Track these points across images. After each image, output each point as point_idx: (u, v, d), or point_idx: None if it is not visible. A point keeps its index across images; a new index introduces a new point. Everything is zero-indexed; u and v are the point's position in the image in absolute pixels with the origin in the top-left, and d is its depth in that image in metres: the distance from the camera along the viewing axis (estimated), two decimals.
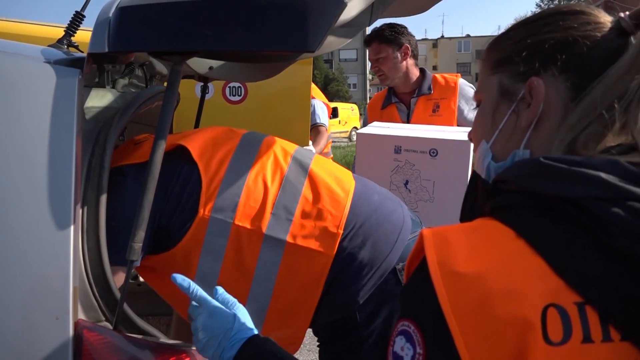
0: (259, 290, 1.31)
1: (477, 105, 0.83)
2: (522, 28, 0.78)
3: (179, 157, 1.36)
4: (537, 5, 58.63)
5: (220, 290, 1.04)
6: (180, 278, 1.03)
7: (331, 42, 1.21)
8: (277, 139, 1.54)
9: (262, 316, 1.33)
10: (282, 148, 1.48)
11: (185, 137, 1.41)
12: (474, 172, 0.79)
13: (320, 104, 4.30)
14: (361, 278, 1.31)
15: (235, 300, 1.03)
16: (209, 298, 1.01)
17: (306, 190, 1.37)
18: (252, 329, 0.97)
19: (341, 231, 1.32)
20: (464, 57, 65.71)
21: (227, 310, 0.99)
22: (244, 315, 1.00)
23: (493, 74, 0.79)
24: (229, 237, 1.29)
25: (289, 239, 1.30)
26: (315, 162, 1.47)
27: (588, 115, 0.67)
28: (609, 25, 0.72)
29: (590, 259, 0.57)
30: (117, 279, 1.23)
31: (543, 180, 0.62)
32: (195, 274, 1.30)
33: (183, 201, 1.31)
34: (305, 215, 1.33)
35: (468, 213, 0.81)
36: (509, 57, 0.76)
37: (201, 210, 1.29)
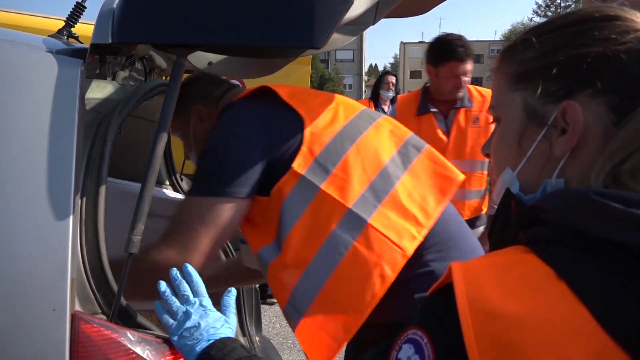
0: (319, 263, 1.26)
1: (494, 121, 0.75)
2: (549, 37, 0.67)
3: (292, 111, 1.35)
4: (534, 11, 58.94)
5: (233, 291, 1.13)
6: (188, 270, 1.11)
7: (335, 40, 1.21)
8: (394, 122, 1.51)
9: (313, 294, 1.26)
10: (394, 133, 1.45)
11: (303, 100, 1.40)
12: (507, 190, 0.69)
13: None
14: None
15: (234, 309, 1.11)
16: (207, 296, 1.10)
17: (400, 186, 1.33)
18: (233, 337, 1.04)
19: (421, 238, 1.28)
20: None
21: (219, 313, 1.08)
22: (232, 324, 1.08)
23: (514, 90, 0.69)
24: (312, 200, 1.27)
25: (370, 221, 1.26)
26: (420, 159, 1.42)
27: (633, 141, 0.58)
28: None
29: None
30: (229, 216, 1.25)
31: (594, 219, 0.53)
32: (275, 229, 1.29)
33: (283, 149, 1.31)
34: (391, 208, 1.29)
35: (497, 235, 0.71)
36: (535, 72, 0.67)
37: (295, 166, 1.28)
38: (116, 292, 1.11)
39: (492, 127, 0.76)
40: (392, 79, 5.29)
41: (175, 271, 1.11)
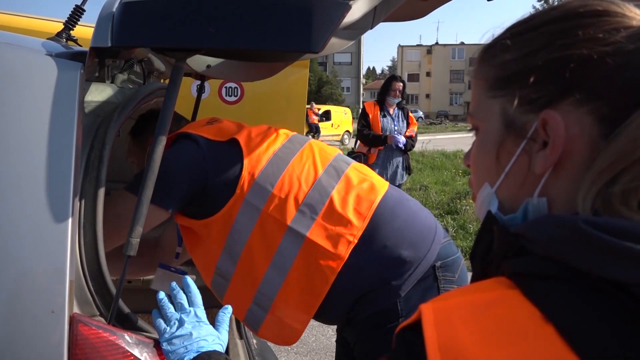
0: (274, 273, 1.46)
1: (473, 129, 0.66)
2: (529, 36, 0.58)
3: (230, 143, 1.53)
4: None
5: (229, 309, 1.19)
6: (186, 282, 1.18)
7: (333, 44, 1.22)
8: (321, 143, 1.69)
9: (271, 298, 1.49)
10: (323, 151, 1.63)
11: (239, 128, 1.60)
12: (489, 213, 0.61)
13: None
14: (402, 273, 1.44)
15: (227, 326, 1.15)
16: (202, 308, 1.15)
17: (335, 195, 1.49)
18: (220, 352, 1.07)
19: (356, 240, 1.44)
20: (458, 65, 66.03)
21: (212, 327, 1.12)
22: (224, 340, 1.11)
23: (493, 97, 0.61)
24: (257, 221, 1.46)
25: (308, 234, 1.44)
26: (352, 169, 1.60)
27: (623, 158, 0.49)
28: None
29: None
30: (149, 218, 1.31)
31: (584, 254, 0.46)
32: (223, 246, 1.49)
33: (227, 177, 1.48)
34: (327, 217, 1.46)
35: (480, 260, 0.61)
36: (513, 77, 0.58)
37: (238, 191, 1.46)
38: (114, 295, 1.11)
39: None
40: (400, 85, 5.14)
41: (174, 283, 1.14)
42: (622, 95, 0.51)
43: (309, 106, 20.80)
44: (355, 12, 1.11)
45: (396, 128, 5.07)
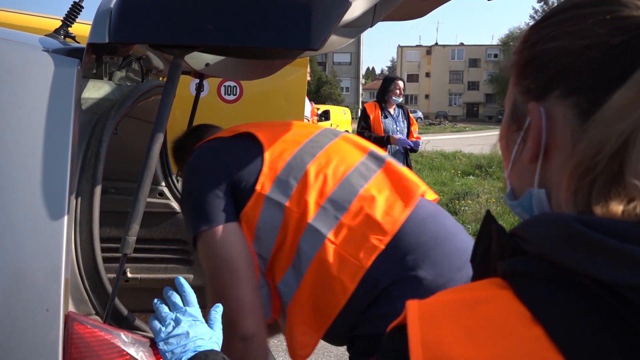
0: (291, 275, 1.35)
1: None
2: (539, 26, 0.58)
3: (251, 139, 1.45)
4: (530, 16, 59.21)
5: (220, 307, 1.16)
6: (179, 282, 1.15)
7: (333, 42, 1.21)
8: (354, 137, 1.56)
9: (286, 303, 1.37)
10: (356, 147, 1.50)
11: (259, 127, 1.50)
12: (487, 212, 0.61)
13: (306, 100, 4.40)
14: (413, 294, 1.19)
15: (220, 323, 1.13)
16: (197, 307, 1.13)
17: (364, 193, 1.36)
18: (217, 351, 1.06)
19: (382, 246, 1.29)
20: (457, 65, 66.11)
21: (207, 326, 1.10)
22: (219, 339, 1.10)
23: (512, 84, 0.61)
24: (282, 219, 1.34)
25: (329, 235, 1.31)
26: (387, 167, 1.45)
27: (591, 154, 0.48)
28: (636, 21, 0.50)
29: None
30: (224, 244, 1.33)
31: (576, 253, 0.45)
32: (253, 245, 1.37)
33: (246, 173, 1.39)
34: (353, 218, 1.32)
35: (478, 263, 0.61)
36: (523, 66, 0.59)
37: (258, 187, 1.35)
38: (110, 293, 1.10)
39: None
40: (402, 84, 5.21)
41: (168, 287, 1.15)
42: (601, 91, 0.49)
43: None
44: (355, 9, 1.10)
45: (398, 128, 5.06)
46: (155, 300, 1.13)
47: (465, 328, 0.46)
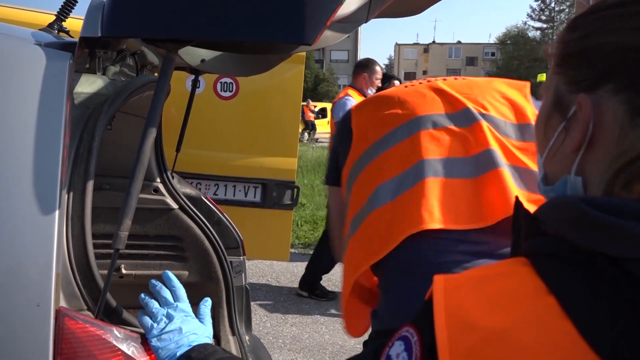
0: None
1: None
2: (590, 19, 0.59)
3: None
4: (528, 15, 59.21)
5: (209, 301, 1.17)
6: (167, 276, 1.14)
7: (327, 37, 1.20)
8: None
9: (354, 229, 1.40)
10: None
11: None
12: (517, 198, 0.65)
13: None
14: None
15: (210, 317, 1.14)
16: (187, 301, 1.12)
17: (466, 184, 1.29)
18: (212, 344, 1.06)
19: (458, 227, 1.24)
20: (455, 64, 66.12)
21: (198, 321, 1.10)
22: (210, 333, 1.10)
23: (555, 72, 0.63)
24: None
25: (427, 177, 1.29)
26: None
27: (633, 147, 0.52)
28: None
29: (633, 334, 0.45)
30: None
31: (584, 232, 0.50)
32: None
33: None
34: (452, 194, 1.26)
35: (514, 243, 0.66)
36: (570, 56, 0.61)
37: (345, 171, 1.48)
38: (102, 288, 1.09)
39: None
40: (398, 83, 5.20)
41: (154, 280, 1.13)
42: None
43: (304, 103, 20.80)
44: (350, 4, 1.10)
45: None
46: (143, 295, 1.11)
47: (486, 296, 0.52)
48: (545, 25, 54.65)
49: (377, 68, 4.71)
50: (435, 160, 1.30)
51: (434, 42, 70.02)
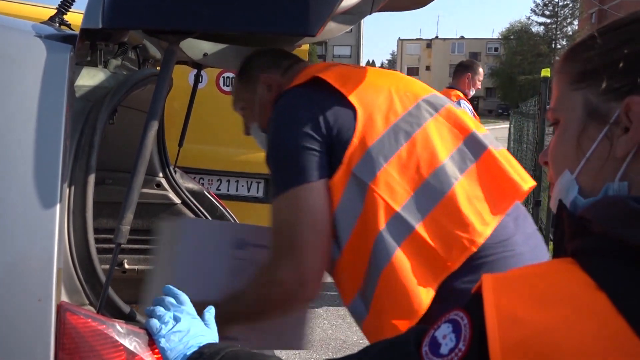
0: (373, 268, 1.22)
1: (554, 124, 0.71)
2: (613, 34, 0.65)
3: (345, 100, 1.27)
4: (531, 10, 58.97)
5: (212, 310, 1.11)
6: (168, 287, 1.11)
7: (331, 29, 1.19)
8: (456, 115, 1.33)
9: (370, 294, 1.24)
10: (458, 127, 1.31)
11: (356, 87, 1.31)
12: (560, 201, 0.67)
13: (467, 105, 4.38)
14: None
15: (214, 325, 1.09)
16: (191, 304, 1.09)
17: (458, 188, 1.22)
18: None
19: (474, 249, 1.19)
20: (458, 59, 65.55)
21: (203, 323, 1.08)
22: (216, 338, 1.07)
23: (575, 89, 0.66)
24: (365, 200, 1.22)
25: (418, 227, 1.19)
26: (483, 159, 1.28)
27: None
28: None
29: None
30: (309, 203, 1.23)
31: (632, 228, 0.52)
32: (334, 218, 1.25)
33: (339, 139, 1.25)
34: (445, 213, 1.20)
35: (555, 247, 0.68)
36: (597, 69, 0.64)
37: (346, 160, 1.23)
38: (104, 283, 1.08)
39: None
40: None
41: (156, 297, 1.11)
42: None
43: None
44: None
45: None
46: (147, 308, 1.09)
47: (535, 293, 0.53)
48: (548, 21, 54.35)
49: (481, 69, 4.70)
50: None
51: (437, 37, 69.89)
